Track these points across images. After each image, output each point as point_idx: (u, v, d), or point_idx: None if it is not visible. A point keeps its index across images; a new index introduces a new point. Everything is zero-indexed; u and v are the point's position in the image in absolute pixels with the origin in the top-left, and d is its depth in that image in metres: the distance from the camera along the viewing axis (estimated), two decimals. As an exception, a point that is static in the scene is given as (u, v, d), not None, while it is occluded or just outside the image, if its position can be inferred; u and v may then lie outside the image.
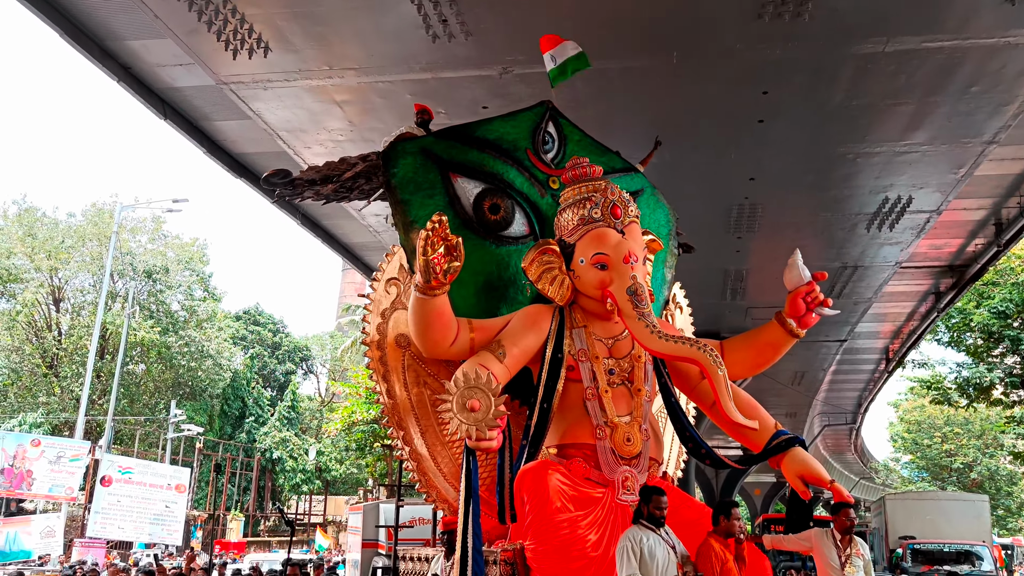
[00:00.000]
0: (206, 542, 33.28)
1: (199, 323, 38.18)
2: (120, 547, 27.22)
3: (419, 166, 6.70)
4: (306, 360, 54.69)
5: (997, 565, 19.69)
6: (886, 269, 15.67)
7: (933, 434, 51.85)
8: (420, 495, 6.86)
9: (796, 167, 11.64)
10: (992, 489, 46.70)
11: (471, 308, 6.40)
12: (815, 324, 6.25)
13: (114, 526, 25.33)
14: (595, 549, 5.43)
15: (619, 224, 6.22)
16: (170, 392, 37.56)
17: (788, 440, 6.10)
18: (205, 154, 12.74)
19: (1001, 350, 25.49)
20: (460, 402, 5.25)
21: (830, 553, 6.18)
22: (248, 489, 40.80)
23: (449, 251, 5.42)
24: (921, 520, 22.00)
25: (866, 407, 33.06)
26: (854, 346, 21.94)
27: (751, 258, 15.12)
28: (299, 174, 6.88)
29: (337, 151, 10.81)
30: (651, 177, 7.88)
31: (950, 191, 12.23)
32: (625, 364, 6.32)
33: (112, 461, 26.52)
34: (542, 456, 6.09)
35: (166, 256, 37.60)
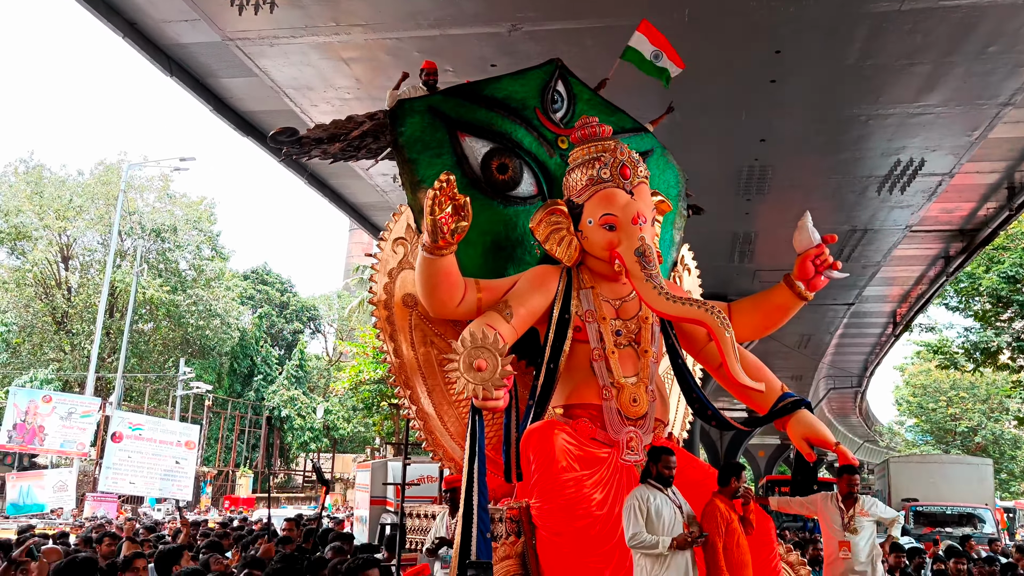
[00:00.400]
0: (216, 498, 33.76)
1: (207, 282, 38.31)
2: (131, 501, 27.64)
3: (427, 125, 6.64)
4: (314, 319, 54.93)
5: (999, 528, 19.84)
6: (896, 232, 15.56)
7: (938, 398, 51.93)
8: (427, 453, 6.91)
9: (808, 128, 11.51)
10: (996, 453, 46.88)
11: (478, 268, 6.38)
12: (823, 287, 6.23)
13: (125, 481, 25.70)
14: (600, 508, 5.47)
15: (628, 185, 6.16)
16: (179, 350, 37.84)
17: (794, 402, 6.10)
18: (212, 112, 12.67)
19: (1009, 315, 25.40)
20: (467, 362, 5.26)
21: (834, 516, 6.21)
22: (257, 446, 41.26)
23: (457, 211, 5.39)
24: (924, 483, 22.14)
25: (872, 371, 33.09)
26: (861, 310, 21.89)
27: (760, 220, 15.02)
28: (306, 132, 6.83)
29: (344, 109, 10.70)
30: (661, 138, 7.80)
31: (963, 154, 12.08)
32: (632, 325, 6.31)
33: (122, 418, 26.82)
34: (548, 416, 6.11)
35: (174, 215, 37.61)
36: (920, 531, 17.93)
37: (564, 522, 5.42)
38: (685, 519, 5.36)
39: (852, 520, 6.11)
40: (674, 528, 5.24)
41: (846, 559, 5.98)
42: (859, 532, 6.06)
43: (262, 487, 40.10)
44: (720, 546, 5.26)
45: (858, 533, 6.05)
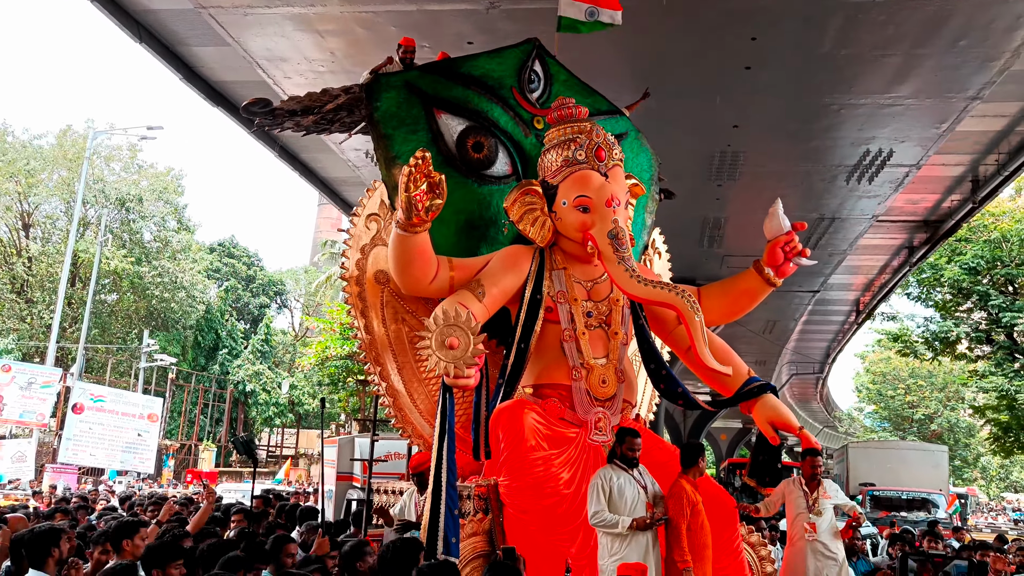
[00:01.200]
0: (178, 471, 33.49)
1: (173, 254, 37.76)
2: (91, 473, 27.33)
3: (403, 100, 6.60)
4: (280, 294, 54.45)
5: (952, 513, 20.35)
6: (863, 222, 15.78)
7: (897, 386, 53.02)
8: (394, 430, 6.91)
9: (780, 116, 11.60)
10: (951, 440, 48.03)
11: (451, 246, 6.38)
12: (791, 274, 6.32)
13: (85, 453, 25.40)
14: (567, 487, 5.54)
15: (603, 167, 6.19)
16: (142, 322, 37.32)
17: (760, 387, 6.22)
18: (181, 80, 12.46)
19: (969, 306, 25.96)
20: (439, 340, 5.28)
21: (798, 499, 6.36)
22: (220, 420, 40.95)
23: (432, 188, 5.38)
24: (881, 468, 22.62)
25: (834, 357, 33.62)
26: (826, 297, 22.20)
27: (730, 206, 15.14)
28: (280, 104, 6.75)
29: (318, 83, 10.54)
30: (635, 121, 7.83)
31: (931, 146, 12.27)
32: (603, 307, 6.37)
33: (84, 389, 26.46)
34: (518, 395, 6.16)
35: (139, 185, 36.95)
36: (876, 515, 18.34)
37: (532, 500, 5.47)
38: (650, 499, 5.43)
39: (816, 502, 6.26)
40: (636, 508, 5.32)
41: (811, 539, 6.12)
42: (823, 514, 6.21)
43: (225, 461, 39.85)
44: (684, 527, 5.35)
45: (822, 515, 6.20)
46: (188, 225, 41.00)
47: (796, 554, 6.27)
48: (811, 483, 6.37)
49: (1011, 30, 9.21)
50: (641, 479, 5.50)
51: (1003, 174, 14.06)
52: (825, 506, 6.29)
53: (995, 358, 24.96)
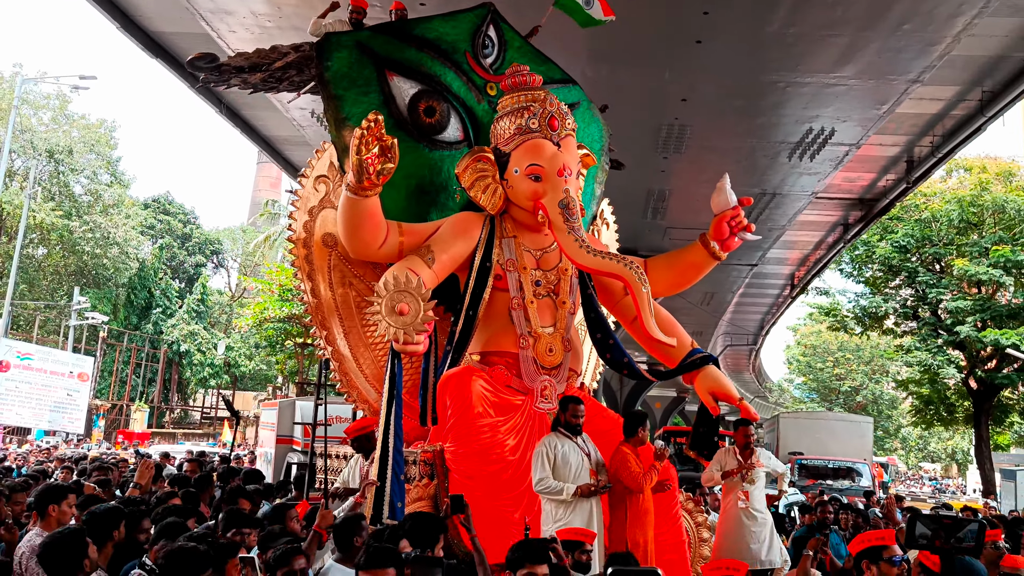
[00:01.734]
0: (108, 431, 32.81)
1: (105, 209, 36.60)
2: (18, 433, 26.61)
3: (354, 61, 6.49)
4: (217, 253, 53.29)
5: (874, 481, 21.19)
6: (802, 198, 16.10)
7: (826, 358, 54.67)
8: (338, 394, 6.88)
9: (728, 91, 11.70)
10: (875, 412, 49.80)
11: (401, 211, 6.34)
12: (737, 247, 6.44)
13: (12, 412, 24.74)
14: (512, 453, 5.61)
15: (556, 136, 6.20)
16: (72, 279, 36.22)
17: (703, 358, 6.35)
18: (119, 29, 11.98)
19: (898, 282, 26.79)
20: (389, 305, 5.26)
21: (731, 467, 6.51)
22: (153, 381, 40.15)
23: (383, 152, 5.32)
24: (810, 438, 23.37)
25: (767, 330, 34.38)
26: (763, 271, 22.64)
27: (675, 179, 15.27)
28: (227, 60, 6.58)
29: (263, 37, 10.32)
30: (585, 90, 7.82)
31: (871, 126, 12.54)
32: (552, 276, 6.41)
33: (10, 346, 25.68)
34: (465, 362, 6.18)
35: (71, 136, 35.64)
36: (804, 483, 18.96)
37: (477, 466, 5.53)
38: (593, 466, 5.53)
39: (750, 472, 6.41)
40: (580, 475, 5.41)
41: (744, 507, 6.28)
42: (755, 482, 6.37)
43: (157, 422, 39.16)
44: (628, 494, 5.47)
45: (755, 483, 6.36)
46: (121, 179, 39.73)
47: (730, 521, 6.43)
48: (744, 452, 6.51)
49: (953, 16, 9.42)
50: (585, 446, 5.59)
51: (936, 156, 14.45)
52: (758, 474, 6.45)
53: (920, 334, 25.85)
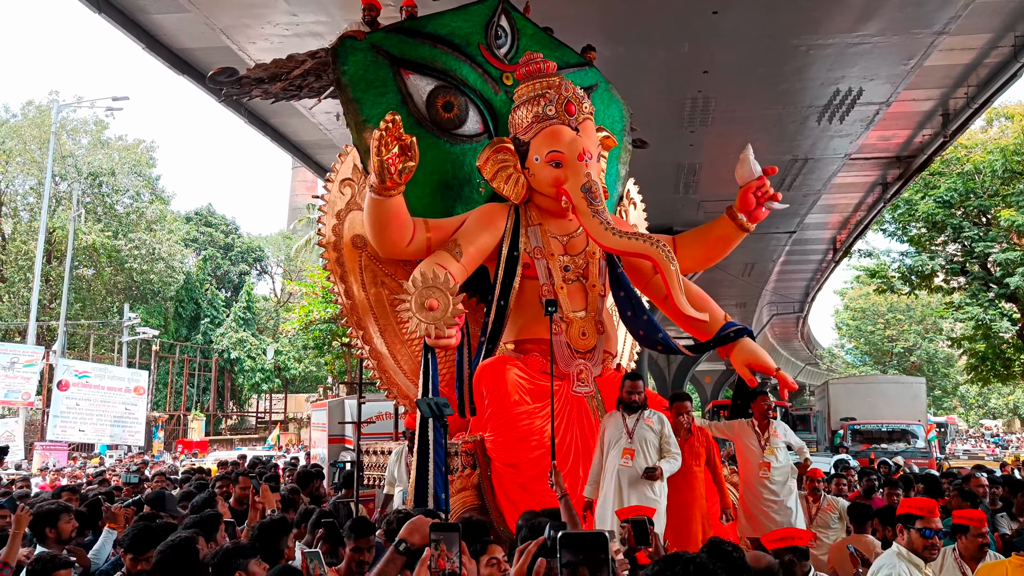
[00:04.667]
0: (168, 442, 33.60)
1: (148, 226, 37.37)
2: (81, 449, 27.38)
3: (370, 63, 6.57)
4: (260, 260, 54.08)
5: (931, 442, 20.88)
6: (835, 161, 15.86)
7: (876, 320, 53.75)
8: (382, 391, 7.00)
9: (749, 60, 11.57)
10: (930, 371, 48.88)
11: (426, 208, 6.42)
12: (765, 217, 6.40)
13: (74, 429, 25.43)
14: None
15: (573, 121, 6.22)
16: (122, 295, 37.08)
17: (737, 331, 6.34)
18: (144, 50, 12.23)
19: (943, 239, 26.21)
20: (419, 301, 5.34)
21: (750, 440, 6.34)
22: (207, 389, 40.97)
23: (403, 151, 5.40)
24: (862, 402, 23.07)
25: (813, 296, 33.98)
26: (803, 237, 22.37)
27: (703, 152, 15.16)
28: (246, 72, 6.70)
29: (283, 47, 10.47)
30: (605, 72, 7.82)
31: (900, 82, 12.30)
32: (580, 260, 6.45)
33: (68, 365, 26.38)
34: (500, 352, 6.25)
35: (111, 158, 36.44)
36: (857, 448, 18.76)
37: (518, 453, 5.60)
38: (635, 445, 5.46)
39: (767, 442, 6.26)
40: (614, 450, 5.44)
41: (766, 478, 6.16)
42: (775, 453, 6.24)
43: (214, 429, 39.98)
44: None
45: (775, 454, 6.24)
46: (162, 196, 40.54)
47: (751, 494, 6.27)
48: (762, 423, 6.37)
49: (975, -37, 9.23)
50: (629, 424, 5.55)
51: (973, 107, 14.13)
52: (777, 445, 6.30)
53: (970, 289, 25.31)
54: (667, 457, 5.50)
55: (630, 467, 5.35)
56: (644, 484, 5.34)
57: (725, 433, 6.60)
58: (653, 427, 5.57)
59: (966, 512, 4.90)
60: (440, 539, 2.05)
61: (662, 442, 5.53)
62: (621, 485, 5.32)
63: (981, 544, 4.58)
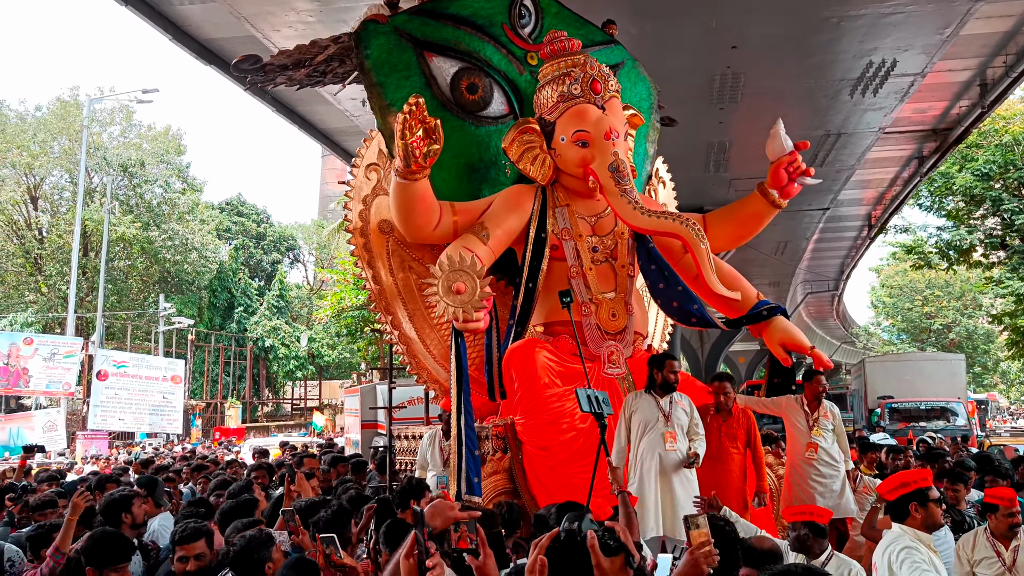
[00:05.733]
0: (206, 430, 34.11)
1: (180, 216, 37.80)
2: (121, 438, 27.89)
3: (393, 46, 6.52)
4: (292, 249, 54.58)
5: (971, 420, 20.52)
6: (869, 135, 15.54)
7: (914, 297, 52.95)
8: (412, 376, 6.99)
9: (779, 33, 11.34)
10: (969, 348, 48.10)
11: (453, 191, 6.37)
12: (797, 193, 6.28)
13: (114, 418, 25.91)
14: (583, 421, 5.60)
15: (599, 100, 6.12)
16: (157, 286, 37.61)
17: (770, 309, 6.23)
18: (171, 41, 12.29)
19: (982, 212, 25.67)
20: (446, 285, 5.31)
21: (798, 418, 6.30)
22: (243, 377, 41.50)
23: (428, 134, 5.34)
24: (899, 380, 22.74)
25: (848, 273, 33.49)
26: (837, 214, 22.01)
27: (733, 129, 14.93)
28: (270, 59, 6.68)
29: (308, 33, 10.45)
30: (631, 50, 7.69)
31: (935, 52, 11.98)
32: (608, 241, 6.37)
33: (106, 356, 26.85)
34: (529, 334, 6.21)
35: (141, 148, 36.83)
36: (895, 427, 18.51)
37: (549, 436, 5.56)
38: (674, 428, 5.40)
39: (816, 423, 6.21)
40: (651, 435, 5.38)
41: (813, 459, 6.11)
42: (823, 434, 6.18)
43: (251, 417, 40.52)
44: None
45: (823, 435, 6.18)
46: (193, 184, 40.95)
47: (797, 474, 6.23)
48: (812, 403, 6.31)
49: (1013, -74, 8.94)
50: (665, 406, 5.50)
51: (1011, 76, 13.74)
52: (826, 426, 6.25)
53: (1011, 263, 24.78)
54: (696, 439, 5.50)
55: (675, 451, 5.34)
56: (683, 468, 5.34)
57: (772, 409, 6.53)
58: (685, 410, 5.56)
59: (997, 491, 4.86)
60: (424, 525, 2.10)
61: (691, 424, 5.55)
62: (665, 468, 5.30)
63: (1011, 524, 4.57)
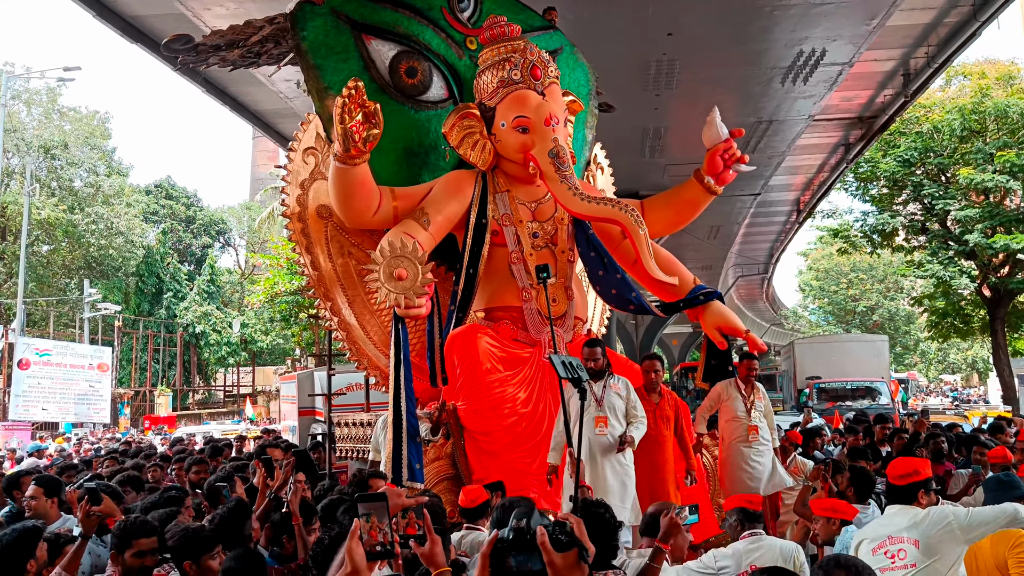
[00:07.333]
0: (135, 418, 33.25)
1: (106, 199, 36.55)
2: (45, 428, 27.00)
3: (330, 28, 6.42)
4: (223, 233, 53.36)
5: (892, 399, 21.32)
6: (799, 122, 15.91)
7: (839, 280, 54.57)
8: (351, 363, 6.94)
9: (714, 21, 11.50)
10: (891, 329, 49.82)
11: (392, 176, 6.32)
12: (732, 180, 6.40)
13: (37, 408, 25.10)
14: (524, 406, 5.67)
15: (539, 86, 6.14)
16: (81, 272, 36.39)
17: (706, 294, 6.37)
18: (95, 18, 11.84)
19: (904, 197, 26.53)
20: (387, 271, 5.28)
21: (736, 403, 6.38)
22: (173, 364, 40.56)
23: (367, 118, 5.28)
24: (827, 361, 23.46)
25: (777, 257, 34.30)
26: (767, 199, 22.50)
27: (669, 115, 15.11)
28: (202, 39, 6.51)
29: (240, 13, 10.20)
30: (568, 36, 7.71)
31: (862, 43, 12.32)
32: (548, 227, 6.41)
33: (28, 344, 25.95)
34: (470, 320, 6.22)
35: (64, 130, 35.50)
36: (823, 406, 19.09)
37: (491, 421, 5.60)
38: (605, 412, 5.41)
39: (752, 405, 6.33)
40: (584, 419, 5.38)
41: (754, 441, 6.23)
42: (759, 414, 6.33)
43: (182, 404, 39.63)
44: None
45: (761, 418, 6.32)
46: (119, 169, 39.66)
47: (734, 455, 6.30)
48: (748, 386, 6.43)
49: (936, -79, 9.22)
50: (597, 391, 5.51)
51: (933, 66, 14.23)
52: (759, 407, 6.39)
53: (931, 247, 25.69)
54: (634, 423, 5.47)
55: (605, 435, 5.32)
56: (615, 452, 5.32)
57: (714, 407, 6.56)
58: (620, 393, 5.55)
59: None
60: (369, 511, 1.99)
61: (628, 407, 5.51)
62: (594, 454, 5.27)
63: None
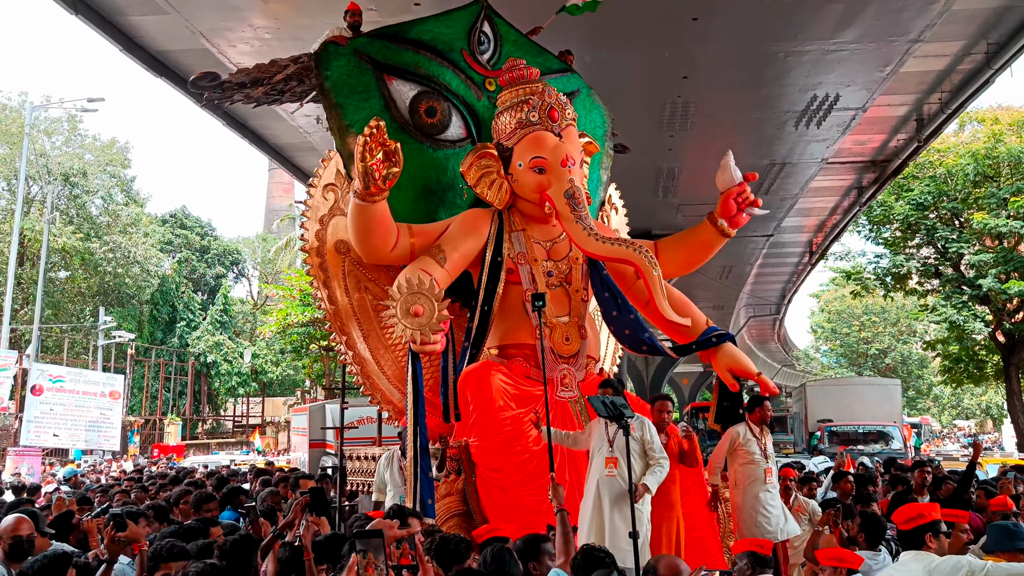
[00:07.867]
0: (144, 447, 33.26)
1: (123, 228, 36.92)
2: (55, 455, 27.03)
3: (353, 68, 6.57)
4: (237, 263, 53.67)
5: (905, 443, 21.13)
6: (812, 165, 16.04)
7: (852, 323, 54.35)
8: (363, 396, 6.99)
9: (729, 65, 11.69)
10: (904, 373, 49.50)
11: (410, 213, 6.42)
12: (746, 223, 6.47)
13: (48, 434, 25.11)
14: (536, 443, 5.68)
15: (556, 127, 6.25)
16: (96, 299, 36.64)
17: (719, 336, 6.40)
18: (122, 52, 12.12)
19: (917, 241, 26.53)
20: (404, 307, 5.35)
21: (751, 446, 6.27)
22: (184, 393, 40.62)
23: (388, 157, 5.40)
24: (838, 404, 23.30)
25: (789, 298, 34.28)
26: (780, 240, 22.58)
27: (683, 156, 15.26)
28: (228, 77, 6.68)
29: (264, 50, 10.43)
30: (586, 78, 7.86)
31: (876, 88, 12.47)
32: (563, 266, 6.48)
33: (42, 370, 26.04)
34: (484, 357, 6.27)
35: (83, 159, 35.96)
36: (834, 450, 18.93)
37: (502, 458, 5.62)
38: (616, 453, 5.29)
39: (766, 447, 6.29)
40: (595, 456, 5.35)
41: (770, 483, 6.18)
42: (772, 458, 6.29)
43: (191, 434, 39.63)
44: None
45: (771, 459, 6.28)
46: (136, 198, 40.11)
47: (751, 501, 6.16)
48: (762, 429, 6.35)
49: (950, -28, 9.37)
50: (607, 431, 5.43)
51: (946, 112, 14.35)
52: (771, 450, 6.35)
53: (944, 291, 25.62)
54: (652, 467, 5.25)
55: (615, 476, 5.14)
56: (626, 498, 4.99)
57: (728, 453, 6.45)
58: (634, 434, 5.33)
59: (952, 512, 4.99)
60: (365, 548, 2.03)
61: (645, 448, 5.30)
62: (601, 496, 5.14)
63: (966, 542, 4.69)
